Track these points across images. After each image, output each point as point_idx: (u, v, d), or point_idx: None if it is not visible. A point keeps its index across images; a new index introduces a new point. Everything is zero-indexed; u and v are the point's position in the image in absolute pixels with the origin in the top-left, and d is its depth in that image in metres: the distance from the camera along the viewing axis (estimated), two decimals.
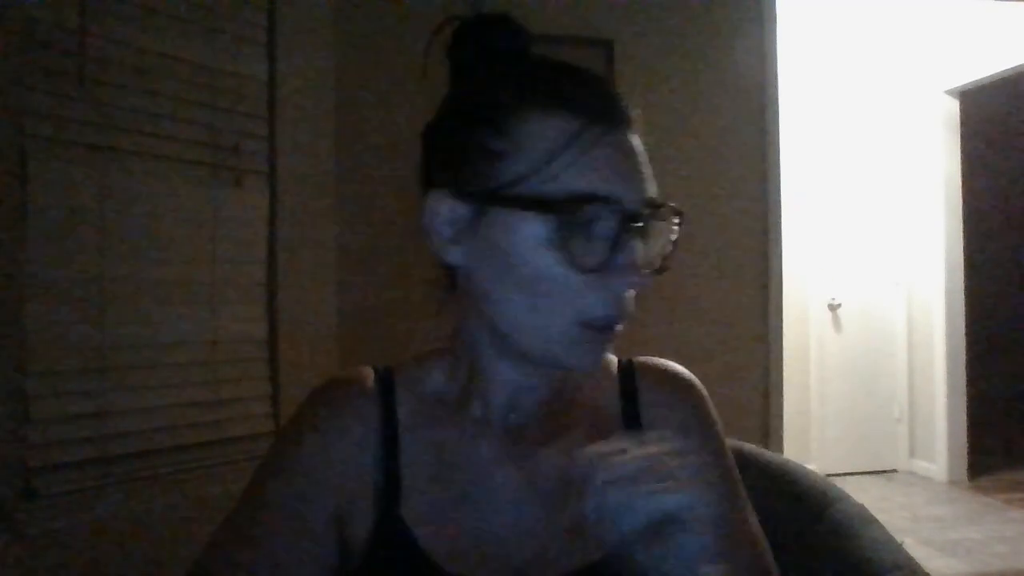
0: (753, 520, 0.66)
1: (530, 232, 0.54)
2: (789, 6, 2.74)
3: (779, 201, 2.52)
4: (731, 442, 0.97)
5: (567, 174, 0.54)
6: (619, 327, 0.58)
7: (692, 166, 2.42)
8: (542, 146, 0.55)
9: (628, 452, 0.48)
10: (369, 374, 0.66)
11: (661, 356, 0.74)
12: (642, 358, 0.71)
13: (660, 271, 0.58)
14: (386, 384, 0.65)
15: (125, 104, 1.57)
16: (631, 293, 0.57)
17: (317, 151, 2.03)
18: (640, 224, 0.55)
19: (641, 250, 0.56)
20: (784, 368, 2.52)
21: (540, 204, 0.54)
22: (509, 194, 0.55)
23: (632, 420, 0.67)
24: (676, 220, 0.59)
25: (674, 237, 0.59)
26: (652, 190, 0.57)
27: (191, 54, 1.69)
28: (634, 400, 0.67)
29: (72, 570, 1.44)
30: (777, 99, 2.52)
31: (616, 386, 0.68)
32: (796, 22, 3.67)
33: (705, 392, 0.70)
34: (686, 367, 0.74)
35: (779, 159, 2.51)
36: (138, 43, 1.60)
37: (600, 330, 0.56)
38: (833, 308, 4.38)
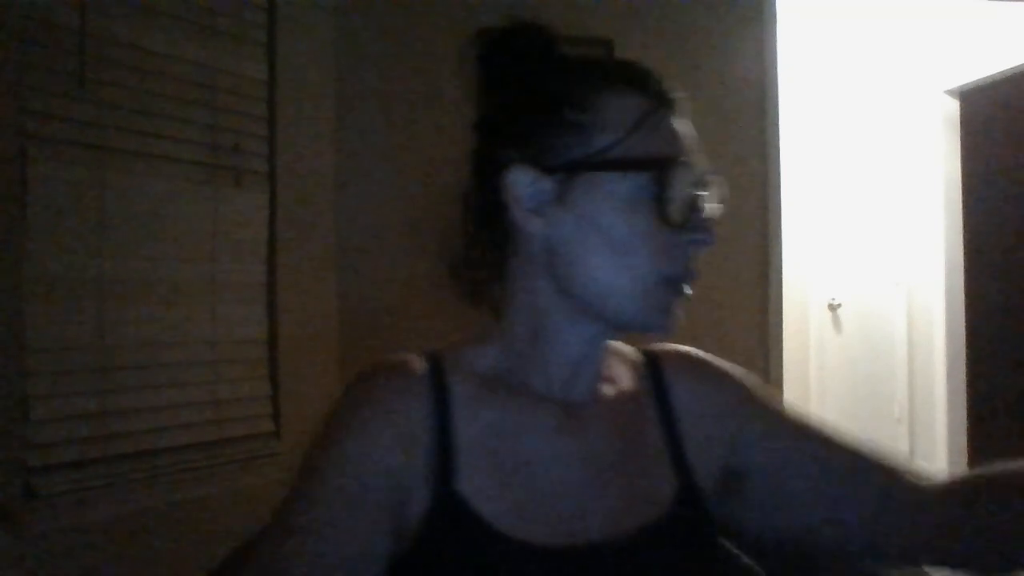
0: (810, 416, 0.73)
1: (618, 193, 0.61)
2: (789, 6, 2.73)
3: (779, 201, 2.51)
4: None
5: (647, 143, 0.62)
6: (689, 290, 0.64)
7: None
8: (622, 120, 0.62)
9: None
10: (416, 357, 0.66)
11: None
12: (657, 346, 0.76)
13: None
14: (435, 365, 0.66)
15: (125, 104, 1.57)
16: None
17: (317, 151, 2.03)
18: (707, 191, 0.63)
19: (709, 211, 0.63)
20: (784, 368, 2.52)
21: (632, 164, 0.61)
22: (599, 160, 0.61)
23: (663, 400, 0.71)
24: (720, 195, 0.66)
25: (718, 212, 0.65)
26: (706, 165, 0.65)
27: (191, 54, 1.69)
28: (662, 383, 0.73)
29: (72, 570, 1.44)
30: (777, 99, 2.51)
31: (644, 370, 0.74)
32: (796, 22, 3.67)
33: (717, 361, 0.76)
34: None
35: (779, 159, 2.51)
36: (138, 43, 1.60)
37: (676, 289, 0.63)
38: (833, 308, 4.38)
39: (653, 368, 0.73)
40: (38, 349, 1.43)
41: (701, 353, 0.76)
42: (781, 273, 2.51)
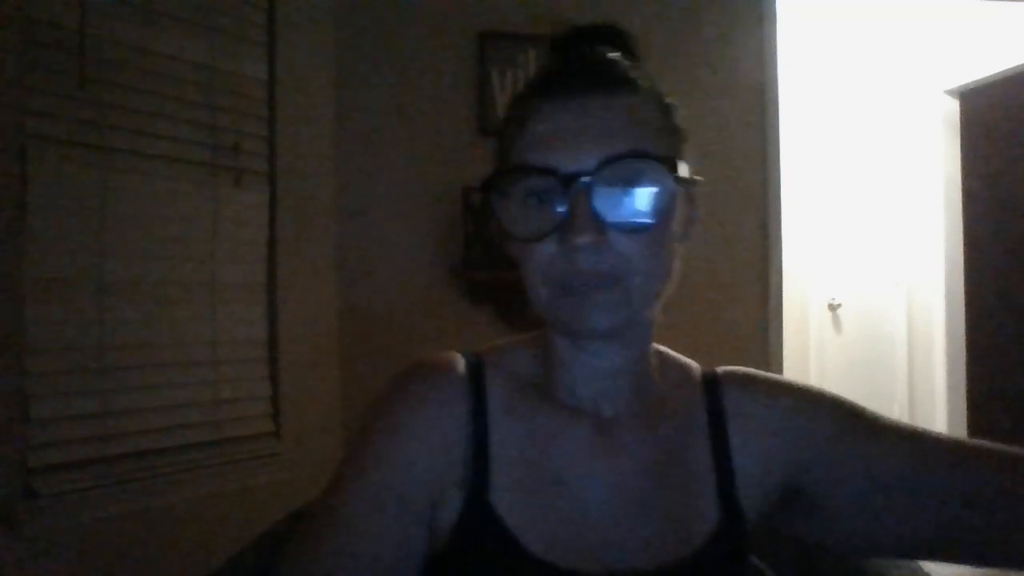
0: (890, 423, 0.66)
1: (495, 212, 0.59)
2: (789, 6, 2.73)
3: (779, 201, 2.51)
4: None
5: (513, 153, 0.60)
6: (617, 285, 0.57)
7: (691, 166, 2.42)
8: (508, 132, 0.61)
9: None
10: (459, 357, 0.66)
11: None
12: (725, 368, 0.71)
13: (637, 227, 0.57)
14: (476, 368, 0.65)
15: (125, 104, 1.57)
16: (618, 247, 0.57)
17: (317, 151, 2.03)
18: (578, 186, 0.55)
19: (584, 210, 0.55)
20: (784, 368, 2.51)
21: (483, 185, 0.59)
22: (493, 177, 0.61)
23: (717, 427, 0.66)
24: (652, 172, 0.58)
25: (655, 188, 0.58)
26: (604, 150, 0.56)
27: (191, 54, 1.69)
28: (719, 407, 0.67)
29: (72, 570, 1.44)
30: (777, 99, 2.51)
31: (702, 392, 0.69)
32: (796, 22, 3.67)
33: (778, 377, 0.70)
34: None
35: (779, 159, 2.51)
36: (138, 43, 1.60)
37: (582, 290, 0.58)
38: (833, 308, 4.38)
39: (711, 388, 0.68)
40: (38, 349, 1.43)
41: (767, 374, 0.70)
42: (781, 273, 2.51)
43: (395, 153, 2.16)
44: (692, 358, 0.75)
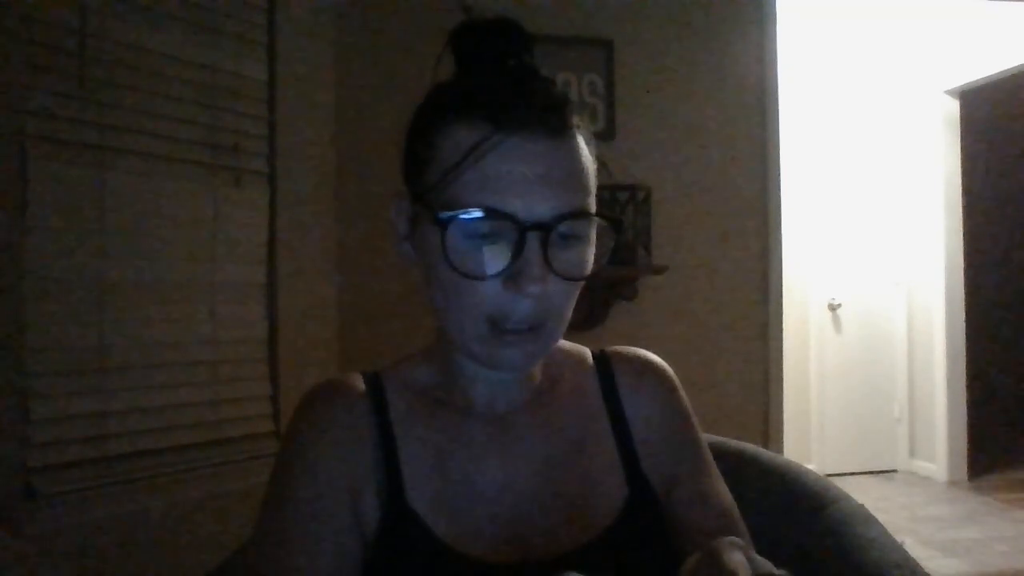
0: (725, 488, 0.72)
1: (434, 239, 0.57)
2: (789, 6, 2.73)
3: (779, 201, 2.51)
4: (731, 442, 0.97)
5: (463, 186, 0.56)
6: (541, 329, 0.59)
7: (692, 166, 2.42)
8: (449, 156, 0.57)
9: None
10: (357, 376, 0.68)
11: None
12: (615, 348, 0.75)
13: (577, 279, 0.59)
14: (375, 384, 0.67)
15: (125, 104, 1.57)
16: (553, 295, 0.58)
17: (317, 151, 2.03)
18: (534, 235, 0.55)
19: (538, 260, 0.55)
20: (784, 368, 2.52)
21: (433, 216, 0.57)
22: (425, 200, 0.59)
23: (614, 405, 0.70)
24: (603, 226, 0.60)
25: (591, 246, 0.60)
26: (560, 201, 0.56)
27: (191, 54, 1.69)
28: (613, 387, 0.71)
29: (72, 570, 1.44)
30: (777, 99, 2.51)
31: (594, 374, 0.72)
32: (796, 22, 3.67)
33: (674, 375, 0.74)
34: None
35: (779, 159, 2.51)
36: (138, 43, 1.60)
37: (512, 331, 0.58)
38: (833, 308, 4.38)
39: (604, 370, 0.72)
40: (38, 349, 1.43)
41: (656, 360, 0.74)
42: (781, 273, 2.51)
43: (395, 153, 2.16)
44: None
